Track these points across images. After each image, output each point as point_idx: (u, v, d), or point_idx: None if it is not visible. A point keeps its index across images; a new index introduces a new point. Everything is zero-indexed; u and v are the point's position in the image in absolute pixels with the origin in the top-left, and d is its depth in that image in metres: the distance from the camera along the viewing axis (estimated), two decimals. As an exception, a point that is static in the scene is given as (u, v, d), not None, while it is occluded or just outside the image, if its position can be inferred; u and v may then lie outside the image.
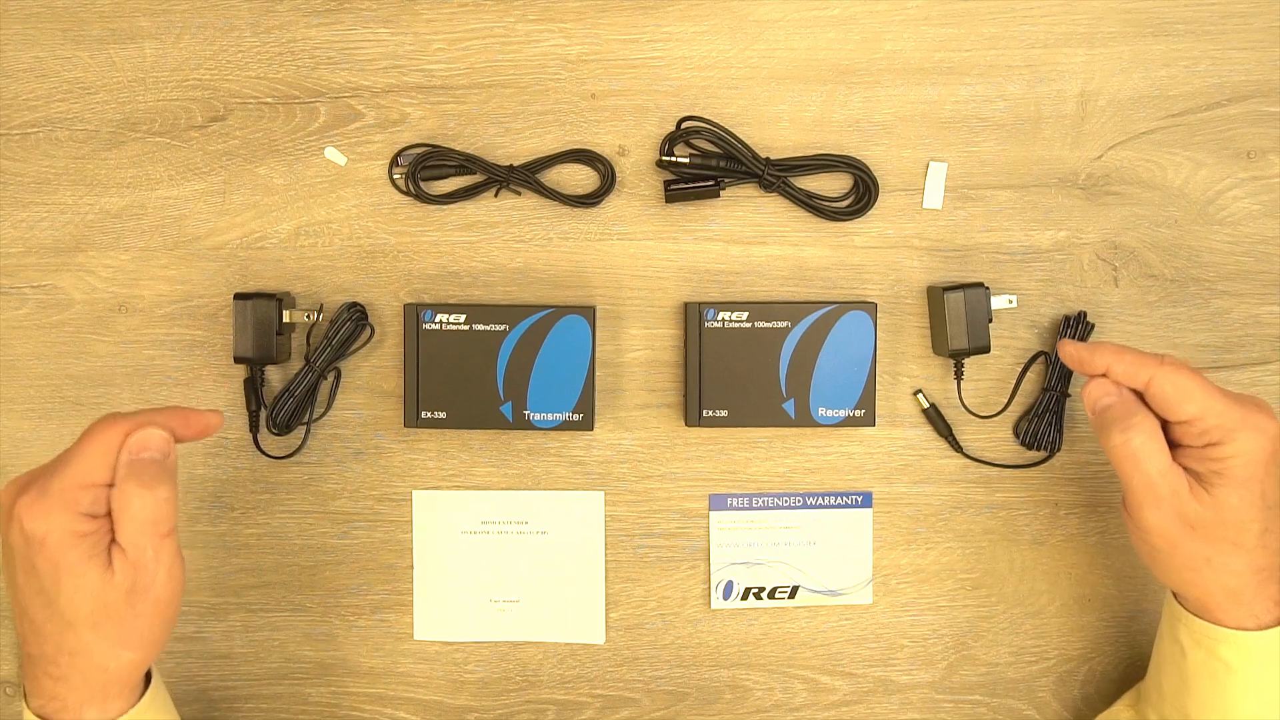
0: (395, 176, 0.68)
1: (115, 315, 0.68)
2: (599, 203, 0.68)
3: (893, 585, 0.69)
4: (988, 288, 0.66)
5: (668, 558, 0.69)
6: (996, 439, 0.69)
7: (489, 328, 0.65)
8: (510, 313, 0.65)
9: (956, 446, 0.68)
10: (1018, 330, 0.68)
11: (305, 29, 0.68)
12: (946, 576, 0.69)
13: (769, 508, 0.68)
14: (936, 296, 0.66)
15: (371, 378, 0.68)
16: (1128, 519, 0.57)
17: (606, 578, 0.69)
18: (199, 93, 0.68)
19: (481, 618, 0.69)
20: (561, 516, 0.68)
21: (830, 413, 0.65)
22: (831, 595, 0.69)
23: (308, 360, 0.67)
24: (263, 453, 0.68)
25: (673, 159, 0.66)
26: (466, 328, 0.65)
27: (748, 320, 0.65)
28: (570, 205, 0.68)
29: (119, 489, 0.51)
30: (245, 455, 0.68)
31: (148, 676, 0.56)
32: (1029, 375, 0.68)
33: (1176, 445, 0.55)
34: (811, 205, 0.67)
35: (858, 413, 0.65)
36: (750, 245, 0.68)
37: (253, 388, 0.67)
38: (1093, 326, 0.67)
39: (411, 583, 0.69)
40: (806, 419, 0.65)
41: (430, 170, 0.67)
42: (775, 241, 0.68)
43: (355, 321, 0.67)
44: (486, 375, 0.65)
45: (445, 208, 0.68)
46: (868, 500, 0.69)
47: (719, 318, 0.65)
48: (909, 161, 0.68)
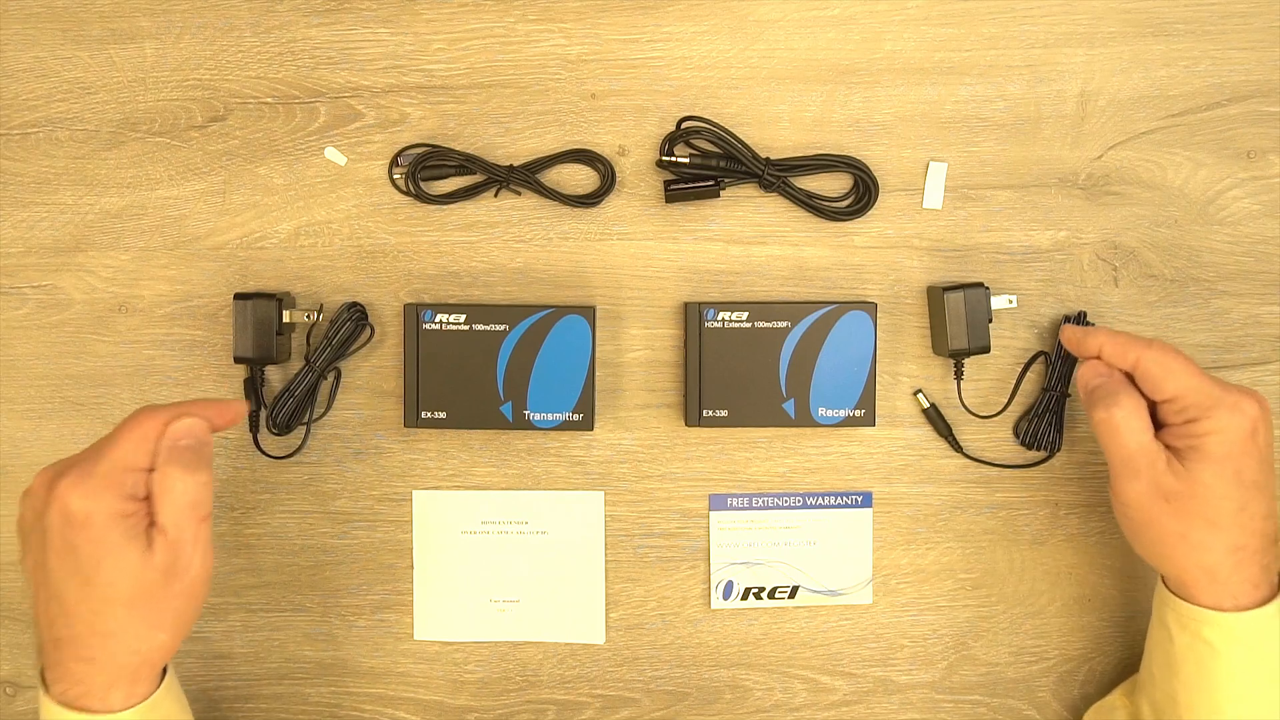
0: (395, 176, 0.68)
1: (115, 315, 0.68)
2: (599, 203, 0.68)
3: (893, 585, 0.69)
4: (988, 288, 0.66)
5: (668, 558, 0.69)
6: (996, 439, 0.69)
7: (489, 328, 0.65)
8: (510, 313, 0.65)
9: (956, 446, 0.68)
10: (1018, 330, 0.68)
11: (305, 29, 0.68)
12: (946, 576, 0.69)
13: (769, 508, 0.68)
14: (936, 296, 0.66)
15: (371, 378, 0.68)
16: (1111, 495, 0.59)
17: (606, 578, 0.69)
18: (199, 93, 0.68)
19: (481, 618, 0.69)
20: (561, 516, 0.68)
21: (830, 413, 0.65)
22: (831, 595, 0.69)
23: (308, 360, 0.67)
24: (263, 453, 0.68)
25: (673, 159, 0.66)
26: (466, 328, 0.65)
27: (748, 320, 0.65)
28: (570, 205, 0.68)
29: (161, 472, 0.53)
30: (245, 455, 0.68)
31: (164, 668, 0.57)
32: (1029, 375, 0.68)
33: (1162, 425, 0.57)
34: (811, 205, 0.67)
35: (858, 413, 0.65)
36: (750, 245, 0.68)
37: (253, 388, 0.67)
38: (1093, 327, 0.67)
39: (411, 583, 0.69)
40: (806, 419, 0.65)
41: (430, 170, 0.67)
42: (775, 241, 0.68)
43: (355, 321, 0.67)
44: (486, 375, 0.65)
45: (445, 208, 0.68)
46: (868, 500, 0.69)
47: (719, 318, 0.65)
48: (909, 161, 0.68)
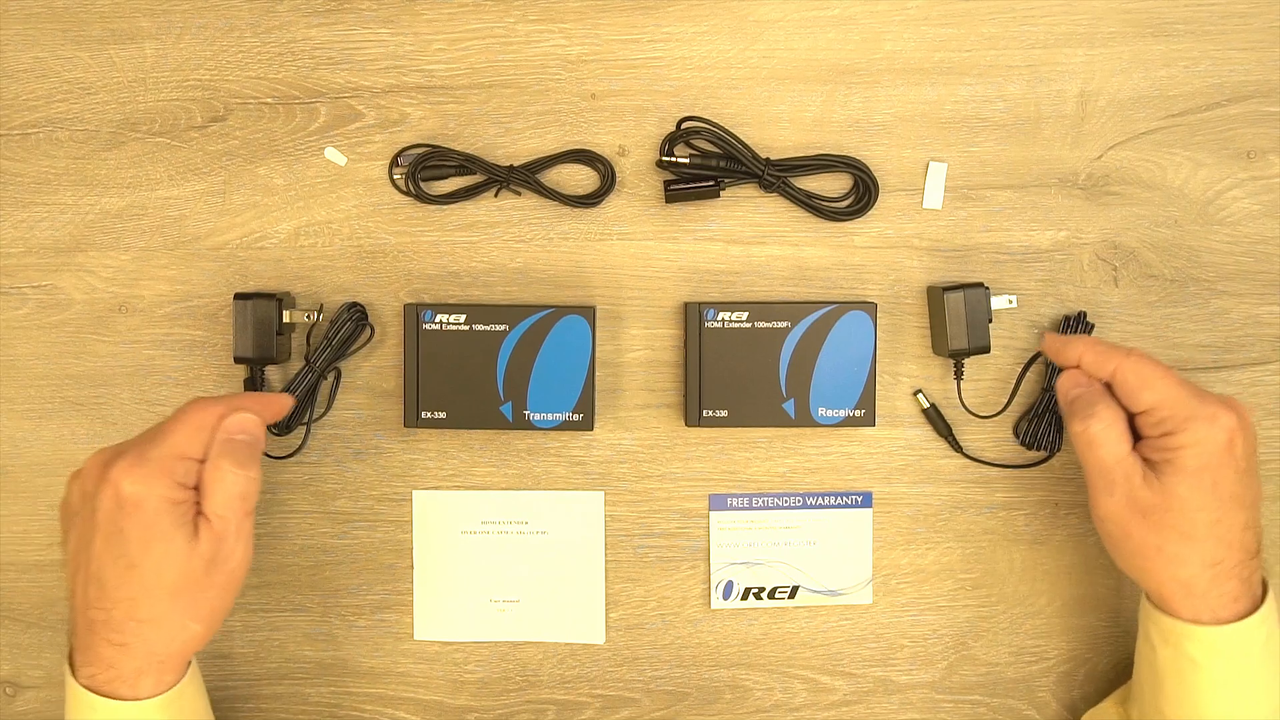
0: (395, 176, 0.68)
1: (115, 315, 0.68)
2: (599, 203, 0.68)
3: (893, 585, 0.69)
4: (988, 288, 0.66)
5: (668, 558, 0.69)
6: (996, 439, 0.69)
7: (489, 328, 0.65)
8: (510, 313, 0.65)
9: (956, 446, 0.68)
10: (1018, 330, 0.68)
11: (305, 29, 0.68)
12: (946, 576, 0.69)
13: (769, 508, 0.68)
14: (936, 296, 0.66)
15: (371, 378, 0.68)
16: (1090, 507, 0.59)
17: (606, 578, 0.69)
18: (199, 93, 0.68)
19: (481, 618, 0.69)
20: (561, 516, 0.68)
21: (830, 413, 0.65)
22: (831, 595, 0.69)
23: (308, 360, 0.67)
24: (263, 453, 0.68)
25: (673, 159, 0.66)
26: (466, 328, 0.65)
27: (748, 320, 0.65)
28: (570, 205, 0.68)
29: (213, 464, 0.54)
30: (245, 455, 0.68)
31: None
32: (1029, 375, 0.68)
33: (1140, 437, 0.57)
34: (811, 205, 0.67)
35: (858, 413, 0.65)
36: (750, 245, 0.68)
37: (253, 388, 0.67)
38: (1093, 326, 0.67)
39: (411, 583, 0.69)
40: (806, 419, 0.65)
41: (430, 170, 0.67)
42: (775, 241, 0.68)
43: (355, 321, 0.67)
44: (486, 375, 0.65)
45: (445, 208, 0.68)
46: (868, 500, 0.69)
47: (719, 318, 0.65)
48: (909, 161, 0.68)
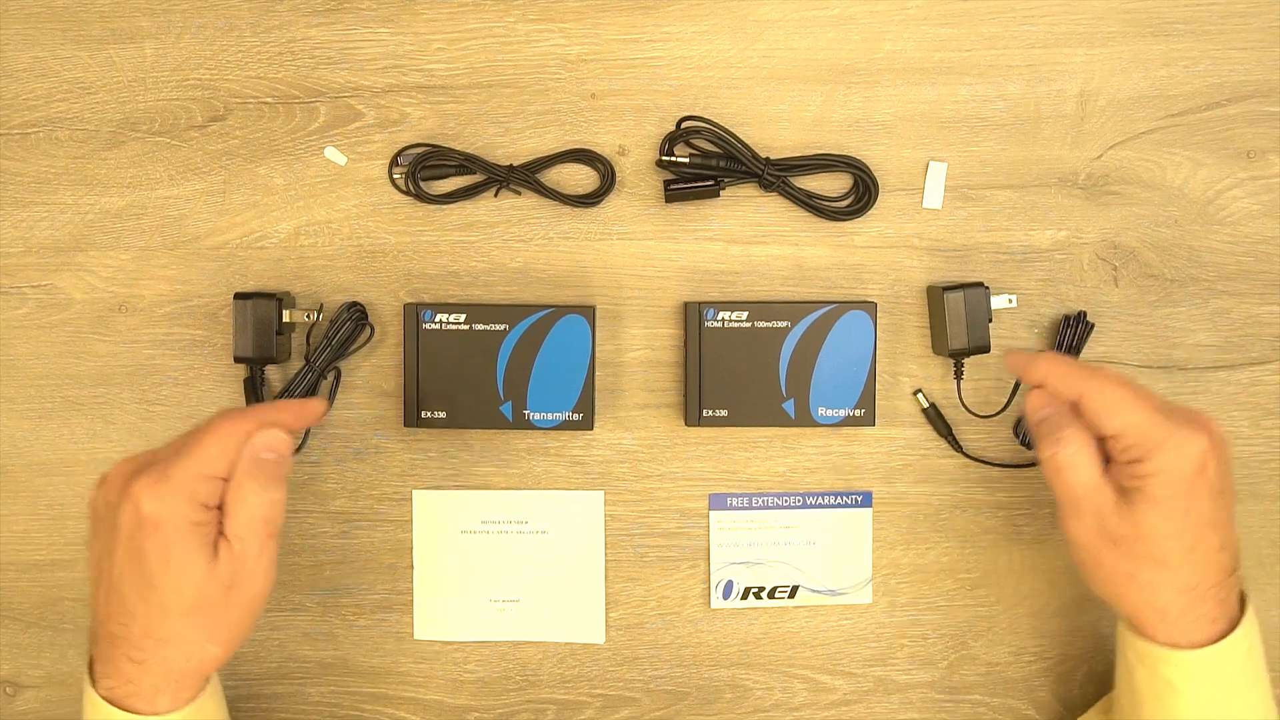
0: (395, 176, 0.68)
1: (115, 315, 0.68)
2: (599, 203, 0.68)
3: (892, 585, 0.69)
4: (988, 288, 0.66)
5: (668, 557, 0.69)
6: (996, 439, 0.69)
7: (489, 327, 0.65)
8: (510, 312, 0.65)
9: (956, 446, 0.68)
10: (1018, 330, 0.68)
11: (305, 29, 0.68)
12: (946, 576, 0.69)
13: (769, 507, 0.68)
14: (936, 296, 0.66)
15: (371, 377, 0.68)
16: (1061, 529, 0.56)
17: (606, 577, 0.69)
18: (199, 93, 0.68)
19: (481, 617, 0.69)
20: (561, 516, 0.68)
21: (830, 412, 0.65)
22: (831, 595, 0.69)
23: (308, 360, 0.67)
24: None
25: (673, 159, 0.66)
26: (466, 327, 0.65)
27: (748, 320, 0.65)
28: (570, 205, 0.68)
29: (237, 484, 0.52)
30: (245, 455, 0.68)
31: None
32: (1029, 375, 0.68)
33: (1111, 461, 0.55)
34: (811, 205, 0.67)
35: (857, 412, 0.65)
36: (750, 245, 0.68)
37: (253, 387, 0.67)
38: (1093, 326, 0.67)
39: (411, 582, 0.69)
40: (806, 419, 0.65)
41: (430, 170, 0.67)
42: (775, 241, 0.68)
43: (355, 321, 0.67)
44: (486, 375, 0.65)
45: (445, 208, 0.68)
46: (868, 500, 0.69)
47: (719, 317, 0.65)
48: (909, 161, 0.68)
